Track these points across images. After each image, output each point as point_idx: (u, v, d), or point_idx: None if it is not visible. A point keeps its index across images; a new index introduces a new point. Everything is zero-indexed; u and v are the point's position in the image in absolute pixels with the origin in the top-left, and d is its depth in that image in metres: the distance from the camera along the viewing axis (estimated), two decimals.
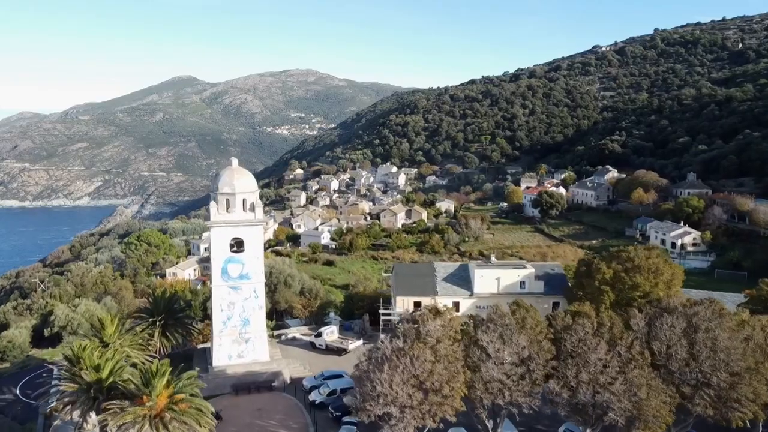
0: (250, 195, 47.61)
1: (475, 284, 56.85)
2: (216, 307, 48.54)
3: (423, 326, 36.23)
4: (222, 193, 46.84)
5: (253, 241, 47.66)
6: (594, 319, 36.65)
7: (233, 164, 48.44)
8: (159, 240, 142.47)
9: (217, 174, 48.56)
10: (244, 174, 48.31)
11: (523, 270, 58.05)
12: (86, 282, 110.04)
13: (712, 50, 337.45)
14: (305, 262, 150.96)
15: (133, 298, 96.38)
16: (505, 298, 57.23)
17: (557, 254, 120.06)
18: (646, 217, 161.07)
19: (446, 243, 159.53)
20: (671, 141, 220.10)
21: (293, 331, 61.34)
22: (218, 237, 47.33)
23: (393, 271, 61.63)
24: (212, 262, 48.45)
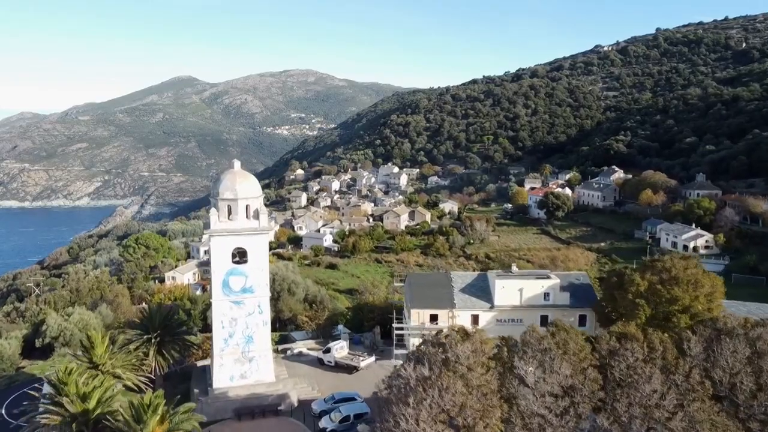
0: (253, 201, 43.20)
1: (495, 296, 52.41)
2: (216, 324, 44.02)
3: (451, 350, 31.77)
4: (223, 198, 42.41)
5: (257, 251, 43.23)
6: (643, 343, 32.20)
7: (235, 167, 43.94)
8: (158, 243, 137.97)
9: (218, 178, 44.05)
10: (247, 178, 43.81)
11: (548, 281, 53.61)
12: (82, 287, 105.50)
13: (715, 50, 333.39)
14: (307, 266, 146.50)
15: (130, 305, 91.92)
16: (528, 311, 53.03)
17: (568, 258, 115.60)
18: (656, 219, 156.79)
19: (451, 245, 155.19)
20: (677, 141, 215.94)
21: (299, 346, 56.87)
22: (219, 247, 42.85)
23: (406, 281, 57.06)
24: (212, 275, 43.95)
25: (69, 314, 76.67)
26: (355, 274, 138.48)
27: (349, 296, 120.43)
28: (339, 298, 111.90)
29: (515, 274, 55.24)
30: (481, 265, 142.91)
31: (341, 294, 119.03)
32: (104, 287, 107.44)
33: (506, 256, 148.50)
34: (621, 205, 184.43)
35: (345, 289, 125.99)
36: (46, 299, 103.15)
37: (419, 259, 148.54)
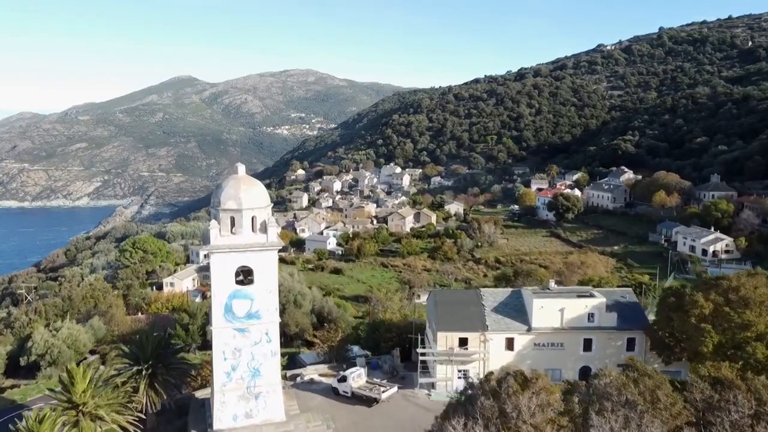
0: (261, 211, 36.64)
1: (533, 317, 45.85)
2: (217, 355, 37.36)
3: (509, 402, 25.21)
4: (225, 209, 35.86)
5: (264, 270, 36.70)
6: (747, 393, 25.67)
7: (239, 172, 37.33)
8: (155, 247, 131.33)
9: (219, 185, 37.42)
10: (253, 185, 37.15)
11: (592, 299, 47.01)
12: (75, 296, 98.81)
13: (721, 48, 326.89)
14: (311, 270, 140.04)
15: (124, 316, 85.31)
16: (570, 335, 46.47)
17: (585, 263, 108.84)
18: (670, 221, 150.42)
19: (459, 249, 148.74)
20: (687, 141, 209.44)
21: (310, 372, 50.17)
22: (220, 266, 36.29)
23: (430, 298, 50.40)
24: (212, 298, 37.34)
25: (57, 329, 70.06)
26: (361, 280, 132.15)
27: (356, 303, 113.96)
28: (346, 307, 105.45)
29: (554, 292, 48.64)
30: (491, 269, 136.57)
31: (348, 301, 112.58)
32: (98, 295, 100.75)
33: (517, 260, 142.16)
34: (632, 206, 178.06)
35: (351, 295, 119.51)
36: (37, 308, 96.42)
37: (426, 263, 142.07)
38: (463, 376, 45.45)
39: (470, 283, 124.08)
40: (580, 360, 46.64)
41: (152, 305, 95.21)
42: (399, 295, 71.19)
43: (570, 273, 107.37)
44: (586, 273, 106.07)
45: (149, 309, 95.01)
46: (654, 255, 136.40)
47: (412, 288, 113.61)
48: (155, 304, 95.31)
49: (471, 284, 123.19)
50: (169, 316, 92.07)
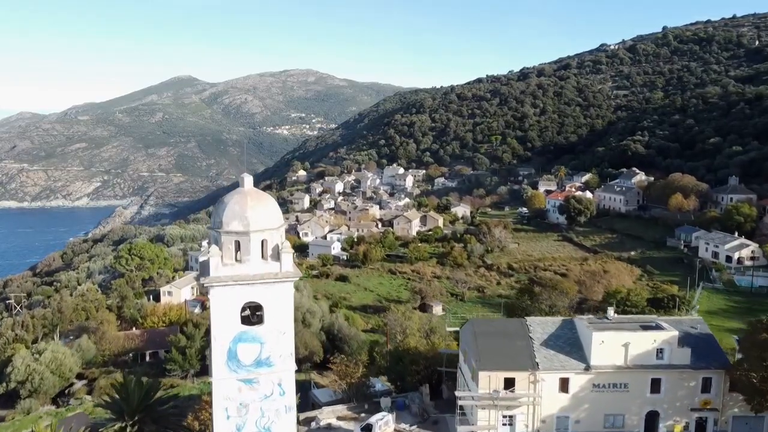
0: (272, 234, 29.09)
1: (592, 353, 38.39)
2: (218, 414, 29.63)
3: None
4: (229, 231, 28.31)
5: (277, 306, 29.12)
6: None
7: (245, 185, 29.64)
8: (153, 253, 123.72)
9: (221, 202, 29.58)
10: (262, 201, 29.38)
11: (661, 332, 39.48)
12: (65, 308, 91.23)
13: (727, 48, 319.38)
14: (316, 277, 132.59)
15: (117, 332, 77.64)
16: (635, 374, 38.96)
17: (609, 272, 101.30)
18: (689, 225, 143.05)
19: (470, 254, 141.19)
20: (699, 141, 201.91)
21: (327, 415, 42.52)
22: (222, 302, 28.68)
23: (466, 328, 42.80)
24: (212, 341, 29.71)
25: (40, 351, 62.43)
26: (369, 288, 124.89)
27: (364, 315, 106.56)
28: (354, 319, 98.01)
29: (613, 322, 41.11)
30: (504, 276, 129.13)
31: (355, 312, 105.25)
32: (90, 308, 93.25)
33: (530, 266, 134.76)
34: (645, 209, 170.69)
35: (359, 305, 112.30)
36: (24, 322, 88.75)
37: (436, 270, 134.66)
38: (509, 423, 38.19)
39: (484, 291, 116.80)
40: (646, 404, 39.34)
41: (148, 319, 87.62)
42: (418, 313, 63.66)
43: (591, 282, 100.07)
44: (610, 283, 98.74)
45: (144, 323, 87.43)
46: (673, 261, 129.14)
47: (423, 299, 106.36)
48: (151, 318, 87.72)
49: (485, 293, 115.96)
50: (165, 331, 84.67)
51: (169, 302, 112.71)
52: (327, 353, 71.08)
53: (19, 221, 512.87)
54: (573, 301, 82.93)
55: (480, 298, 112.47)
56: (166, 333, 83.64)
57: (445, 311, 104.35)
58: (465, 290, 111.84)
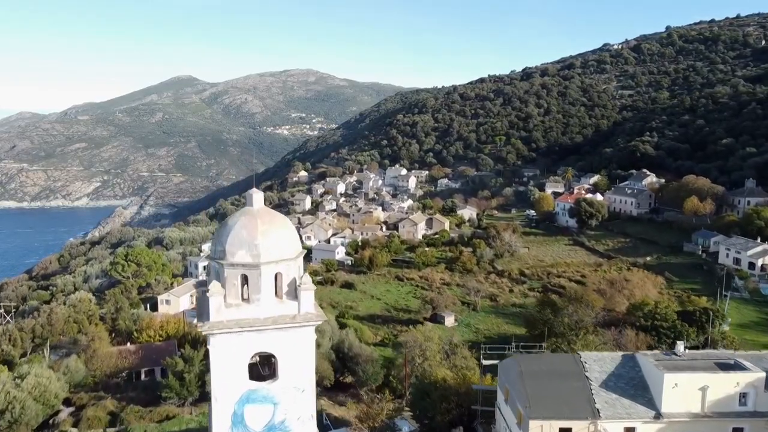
0: (289, 265, 22.84)
1: (662, 398, 32.26)
2: None
3: None
4: (234, 263, 21.99)
5: (295, 357, 22.77)
6: None
7: (253, 203, 23.11)
8: (150, 259, 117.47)
9: (224, 225, 22.97)
10: (275, 223, 22.91)
11: (744, 374, 33.30)
12: (55, 320, 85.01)
13: (733, 47, 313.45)
14: (320, 284, 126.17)
15: (109, 348, 71.33)
16: (714, 424, 32.78)
17: (631, 282, 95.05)
18: (707, 230, 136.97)
19: (479, 260, 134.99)
20: (711, 143, 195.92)
21: None
22: (226, 354, 22.29)
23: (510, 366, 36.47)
24: (213, 402, 23.53)
25: (22, 375, 56.18)
26: (375, 295, 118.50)
27: (372, 325, 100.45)
28: (362, 330, 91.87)
29: (684, 359, 34.95)
30: (516, 283, 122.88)
31: (363, 322, 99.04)
32: (82, 320, 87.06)
33: (543, 272, 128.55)
34: (658, 212, 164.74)
35: (366, 314, 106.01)
36: (12, 335, 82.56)
37: (444, 276, 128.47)
38: None
39: (497, 300, 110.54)
40: None
41: (144, 332, 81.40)
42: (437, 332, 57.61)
43: (612, 292, 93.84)
44: (633, 293, 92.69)
45: (140, 337, 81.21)
46: (692, 267, 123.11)
47: (435, 309, 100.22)
48: (147, 331, 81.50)
49: (498, 302, 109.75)
50: (162, 346, 78.51)
51: (167, 312, 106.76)
52: (337, 372, 65.09)
53: (19, 221, 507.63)
54: (598, 315, 76.76)
55: (493, 307, 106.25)
56: (163, 348, 77.58)
57: (457, 322, 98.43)
58: (477, 299, 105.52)
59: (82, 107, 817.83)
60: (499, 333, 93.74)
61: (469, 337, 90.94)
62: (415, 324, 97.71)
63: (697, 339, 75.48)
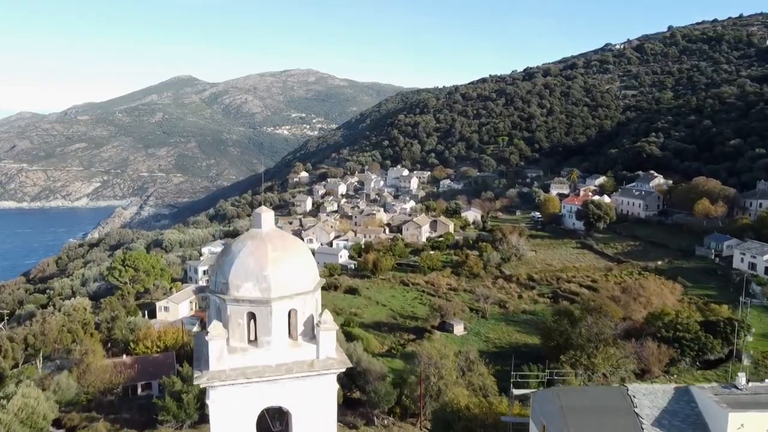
0: (305, 300, 18.60)
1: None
2: None
3: None
4: (239, 299, 17.67)
5: (312, 412, 18.71)
6: None
7: (262, 225, 18.74)
8: (148, 264, 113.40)
9: (227, 253, 18.41)
10: (289, 249, 18.42)
11: None
12: (48, 331, 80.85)
13: (738, 47, 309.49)
14: (323, 289, 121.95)
15: (104, 362, 67.05)
16: None
17: (647, 289, 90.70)
18: (719, 233, 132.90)
19: (486, 264, 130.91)
20: (718, 143, 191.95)
21: None
22: (229, 410, 18.18)
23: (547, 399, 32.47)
24: None
25: (8, 396, 52.04)
26: (380, 302, 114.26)
27: (378, 333, 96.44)
28: (369, 340, 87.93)
29: (746, 392, 30.88)
30: (525, 289, 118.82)
31: (368, 331, 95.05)
32: (77, 329, 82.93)
33: (552, 277, 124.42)
34: (667, 215, 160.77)
35: (371, 322, 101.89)
36: (2, 346, 78.36)
37: (451, 281, 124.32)
38: None
39: (506, 306, 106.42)
40: None
41: (140, 343, 77.32)
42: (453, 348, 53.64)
43: (627, 299, 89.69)
44: (650, 301, 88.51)
45: (136, 348, 77.13)
46: (705, 272, 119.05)
47: (443, 316, 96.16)
48: (144, 342, 77.41)
49: (507, 308, 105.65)
50: (159, 358, 74.43)
51: (165, 319, 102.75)
52: (345, 389, 60.97)
53: (19, 221, 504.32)
54: (617, 325, 72.72)
55: (503, 314, 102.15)
56: (161, 361, 73.57)
57: (466, 330, 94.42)
58: (486, 306, 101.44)
59: (82, 107, 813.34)
60: (510, 342, 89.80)
61: (480, 346, 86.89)
62: (422, 332, 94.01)
63: (721, 351, 71.56)
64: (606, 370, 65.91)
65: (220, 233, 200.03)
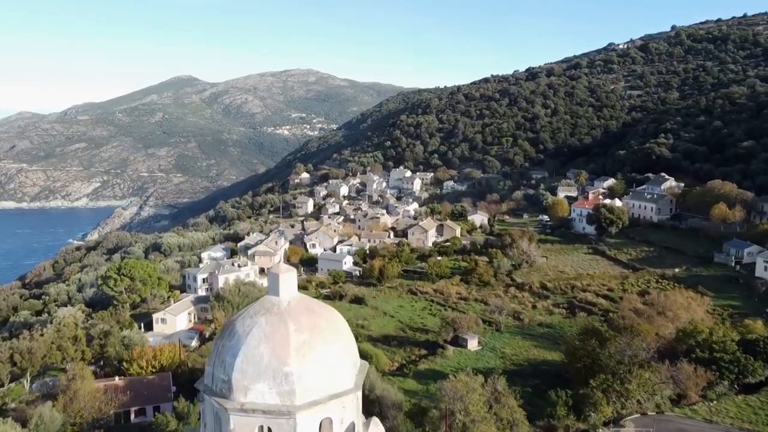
0: (342, 404, 12.59)
1: None
2: None
3: None
4: (247, 408, 11.69)
5: None
6: None
7: (280, 293, 12.68)
8: (145, 273, 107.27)
9: (230, 335, 12.29)
10: (321, 330, 11.86)
11: None
12: (36, 349, 74.81)
13: (743, 47, 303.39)
14: (327, 298, 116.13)
15: (93, 385, 60.97)
16: None
17: (676, 301, 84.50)
18: (737, 239, 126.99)
19: (496, 271, 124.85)
20: (730, 145, 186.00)
21: None
22: None
23: None
24: None
25: None
26: (388, 312, 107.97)
27: (387, 348, 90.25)
28: (378, 357, 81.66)
29: None
30: (538, 298, 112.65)
31: (377, 345, 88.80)
32: (67, 347, 76.89)
33: (566, 285, 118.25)
34: (680, 219, 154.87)
35: (379, 335, 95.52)
36: None
37: (460, 289, 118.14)
38: None
39: (520, 318, 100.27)
40: None
41: (134, 363, 71.27)
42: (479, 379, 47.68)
43: (652, 313, 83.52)
44: (677, 316, 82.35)
45: (130, 368, 71.10)
46: (726, 281, 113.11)
47: (456, 330, 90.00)
48: (138, 362, 71.37)
49: (522, 320, 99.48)
50: (154, 381, 68.41)
51: (163, 331, 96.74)
52: None
53: (19, 222, 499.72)
54: (650, 346, 66.59)
55: (518, 327, 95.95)
56: (156, 384, 67.67)
57: (481, 345, 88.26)
58: (501, 318, 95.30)
59: (82, 107, 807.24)
60: (528, 358, 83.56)
61: (496, 363, 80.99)
62: (434, 347, 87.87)
63: (762, 373, 65.58)
64: (641, 396, 60.10)
65: (220, 236, 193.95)
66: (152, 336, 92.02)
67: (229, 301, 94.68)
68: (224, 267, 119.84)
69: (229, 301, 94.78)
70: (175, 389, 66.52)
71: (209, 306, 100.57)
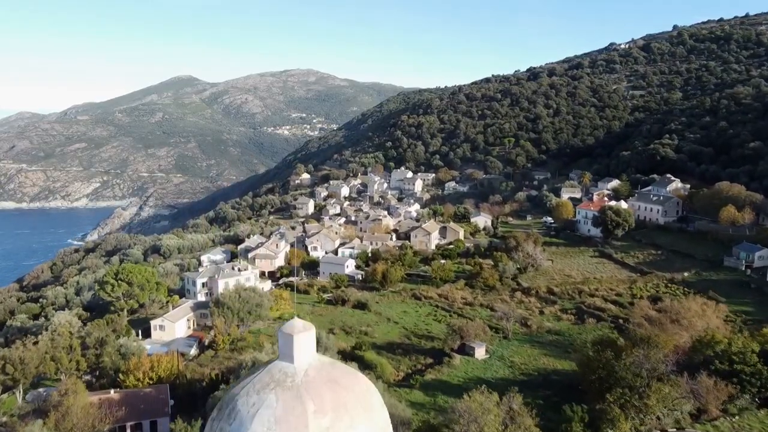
0: None
1: None
2: None
3: None
4: None
5: None
6: None
7: (294, 357, 9.45)
8: (143, 278, 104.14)
9: (230, 408, 9.56)
10: (348, 408, 9.05)
11: None
12: (29, 360, 71.80)
13: (746, 46, 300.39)
14: (330, 303, 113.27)
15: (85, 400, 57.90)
16: None
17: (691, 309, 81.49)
18: (747, 242, 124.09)
19: (501, 275, 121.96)
20: (736, 146, 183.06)
21: None
22: None
23: None
24: None
25: None
26: (392, 318, 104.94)
27: (392, 356, 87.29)
28: (384, 367, 78.68)
29: None
30: (546, 303, 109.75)
31: (381, 353, 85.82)
32: (61, 357, 73.90)
33: (574, 290, 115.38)
34: (687, 221, 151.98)
35: (384, 342, 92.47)
36: None
37: (465, 294, 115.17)
38: None
39: (528, 325, 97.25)
40: None
41: (131, 375, 68.28)
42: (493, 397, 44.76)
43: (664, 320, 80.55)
44: (692, 324, 79.33)
45: (126, 380, 68.11)
46: (737, 285, 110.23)
47: (463, 338, 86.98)
48: (134, 373, 68.38)
49: (530, 327, 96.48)
50: (151, 394, 65.40)
51: (161, 339, 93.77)
52: None
53: (18, 222, 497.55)
54: (668, 357, 63.62)
55: (526, 334, 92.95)
56: (153, 397, 64.61)
57: (488, 353, 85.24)
58: (509, 325, 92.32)
59: (82, 107, 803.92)
60: (538, 368, 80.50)
61: (504, 373, 78.15)
62: (440, 356, 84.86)
63: None
64: (661, 411, 57.21)
65: (220, 238, 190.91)
66: (150, 344, 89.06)
67: (229, 308, 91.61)
68: (224, 271, 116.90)
69: (229, 307, 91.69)
70: (173, 402, 63.69)
71: (209, 312, 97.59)
